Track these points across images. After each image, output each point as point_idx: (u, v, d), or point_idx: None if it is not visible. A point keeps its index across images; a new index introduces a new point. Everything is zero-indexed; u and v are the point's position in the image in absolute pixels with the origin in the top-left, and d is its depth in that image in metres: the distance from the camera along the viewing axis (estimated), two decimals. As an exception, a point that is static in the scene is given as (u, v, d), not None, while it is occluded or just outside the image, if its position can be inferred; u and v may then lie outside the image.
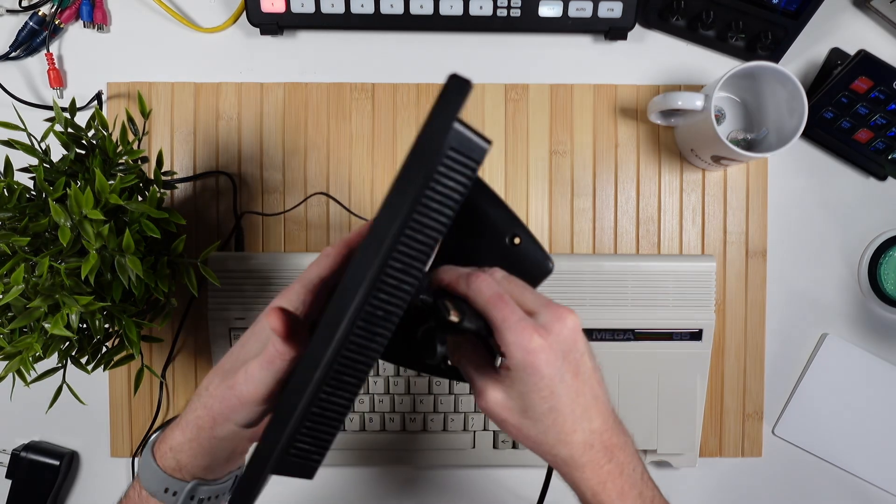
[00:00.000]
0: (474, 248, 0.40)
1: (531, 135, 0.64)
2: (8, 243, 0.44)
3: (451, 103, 0.28)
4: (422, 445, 0.63)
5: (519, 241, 0.39)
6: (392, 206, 0.29)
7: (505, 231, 0.39)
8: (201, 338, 0.64)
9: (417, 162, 0.29)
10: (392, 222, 0.29)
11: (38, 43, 0.63)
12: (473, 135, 0.30)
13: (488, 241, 0.40)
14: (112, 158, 0.50)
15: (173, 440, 0.39)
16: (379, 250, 0.29)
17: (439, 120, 0.28)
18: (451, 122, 0.28)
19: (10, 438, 0.64)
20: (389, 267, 0.30)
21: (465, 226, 0.41)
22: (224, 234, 0.64)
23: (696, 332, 0.61)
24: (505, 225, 0.39)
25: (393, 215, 0.29)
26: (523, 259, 0.39)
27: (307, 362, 0.30)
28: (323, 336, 0.29)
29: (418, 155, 0.29)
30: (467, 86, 0.28)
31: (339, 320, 0.29)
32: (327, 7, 0.60)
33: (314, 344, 0.29)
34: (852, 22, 0.64)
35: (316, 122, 0.64)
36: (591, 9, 0.60)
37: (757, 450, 0.65)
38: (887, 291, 0.63)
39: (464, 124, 0.29)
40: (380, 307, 0.30)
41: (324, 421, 0.32)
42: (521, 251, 0.39)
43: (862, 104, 0.61)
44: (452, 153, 0.29)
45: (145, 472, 0.39)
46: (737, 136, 0.62)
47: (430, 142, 0.28)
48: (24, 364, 0.45)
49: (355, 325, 0.30)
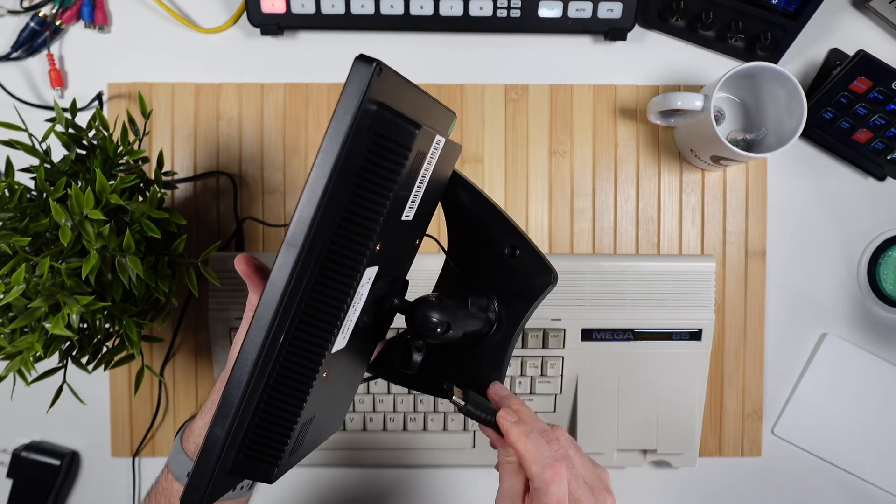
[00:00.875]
0: (473, 261, 0.40)
1: (531, 135, 0.64)
2: (9, 243, 0.44)
3: (358, 81, 0.26)
4: (422, 445, 0.63)
5: (519, 253, 0.38)
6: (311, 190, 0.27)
7: (504, 243, 0.38)
8: (202, 337, 0.64)
9: (328, 145, 0.27)
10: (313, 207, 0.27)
11: (40, 43, 0.63)
12: (399, 119, 0.28)
13: (487, 254, 0.39)
14: (113, 159, 0.50)
15: (195, 425, 0.41)
16: (301, 240, 0.27)
17: (343, 104, 0.27)
18: (360, 100, 0.26)
19: (10, 438, 0.65)
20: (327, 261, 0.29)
21: (463, 237, 0.40)
22: (224, 234, 0.64)
23: (695, 331, 0.61)
24: (504, 237, 0.38)
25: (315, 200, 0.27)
26: (523, 271, 0.38)
27: (244, 354, 0.29)
28: (255, 329, 0.28)
29: (330, 137, 0.27)
30: (371, 62, 0.26)
31: (266, 316, 0.28)
32: (327, 8, 0.60)
33: (249, 336, 0.29)
34: (851, 22, 0.65)
35: (316, 122, 0.64)
36: (591, 9, 0.60)
37: (756, 449, 0.65)
38: (886, 291, 0.63)
39: (389, 109, 0.28)
40: (317, 306, 0.29)
41: (272, 420, 0.31)
42: (521, 263, 0.38)
43: (861, 104, 0.61)
44: (377, 138, 0.27)
45: (173, 457, 0.41)
46: (736, 137, 0.62)
47: (339, 120, 0.26)
48: (24, 364, 0.45)
49: (291, 323, 0.29)
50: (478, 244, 0.39)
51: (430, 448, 0.63)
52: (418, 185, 0.33)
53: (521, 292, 0.38)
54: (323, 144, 0.27)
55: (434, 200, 0.39)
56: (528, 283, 0.38)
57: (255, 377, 0.29)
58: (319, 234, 0.28)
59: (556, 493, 0.34)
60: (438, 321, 0.35)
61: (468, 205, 0.39)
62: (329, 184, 0.27)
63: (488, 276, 0.39)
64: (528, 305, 0.39)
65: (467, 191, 0.39)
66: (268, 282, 0.28)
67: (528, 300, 0.39)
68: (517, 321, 0.39)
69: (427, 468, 0.65)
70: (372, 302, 0.35)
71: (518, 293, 0.39)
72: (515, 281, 0.38)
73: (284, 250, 0.28)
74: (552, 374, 0.61)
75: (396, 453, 0.63)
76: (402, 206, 0.33)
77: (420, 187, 0.34)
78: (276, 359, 0.29)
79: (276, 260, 0.28)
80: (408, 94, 0.31)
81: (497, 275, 0.39)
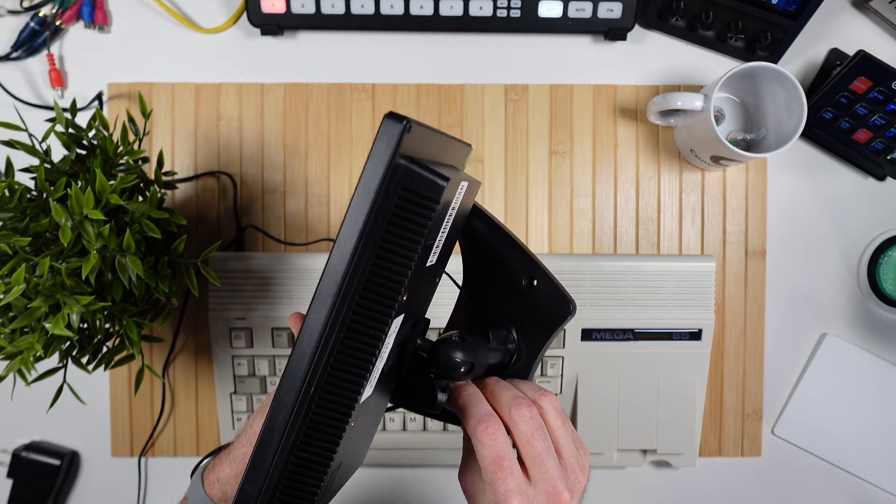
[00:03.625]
0: (489, 291, 0.39)
1: (531, 135, 0.64)
2: (9, 243, 0.44)
3: (388, 139, 0.27)
4: (421, 445, 0.63)
5: (537, 284, 0.38)
6: (341, 248, 0.28)
7: (521, 274, 0.38)
8: (202, 338, 0.64)
9: (358, 204, 0.27)
10: (343, 265, 0.28)
11: (40, 43, 0.63)
12: (425, 171, 0.28)
13: (504, 284, 0.38)
14: (113, 159, 0.50)
15: (221, 471, 0.40)
16: (331, 300, 0.28)
17: (374, 160, 0.27)
18: (391, 158, 0.27)
19: (11, 438, 0.65)
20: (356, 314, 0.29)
21: (479, 269, 0.40)
22: (224, 234, 0.64)
23: (695, 331, 0.61)
24: (520, 267, 0.38)
25: (344, 258, 0.28)
26: (542, 302, 0.38)
27: (274, 414, 0.29)
28: (285, 388, 0.29)
29: (361, 192, 0.27)
30: (402, 121, 0.26)
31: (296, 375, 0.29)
32: (327, 7, 0.60)
33: (279, 395, 0.29)
34: (851, 22, 0.65)
35: (316, 122, 0.64)
36: (591, 9, 0.60)
37: (756, 449, 0.65)
38: (886, 291, 0.63)
39: (415, 162, 0.27)
40: (346, 360, 0.29)
41: (304, 473, 0.31)
42: (539, 294, 0.38)
43: (861, 104, 0.61)
44: (405, 193, 0.27)
45: (194, 496, 0.41)
46: (736, 137, 0.62)
47: (369, 178, 0.27)
48: (25, 364, 0.45)
49: (321, 379, 0.29)
50: (494, 274, 0.39)
51: (429, 448, 0.63)
52: (442, 231, 0.33)
53: (541, 322, 0.38)
54: (353, 202, 0.27)
55: (454, 238, 0.39)
56: (547, 313, 0.38)
57: (286, 434, 0.29)
58: (348, 293, 0.28)
59: (491, 446, 0.33)
60: (462, 361, 0.35)
61: (484, 234, 0.39)
62: (359, 244, 0.27)
63: (506, 306, 0.39)
64: (547, 335, 0.38)
65: (484, 221, 0.39)
66: (297, 342, 0.29)
67: (547, 330, 0.38)
68: (536, 351, 0.39)
69: (427, 468, 0.65)
70: (395, 345, 0.35)
71: (537, 324, 0.38)
72: (534, 311, 0.38)
73: (314, 309, 0.28)
74: (552, 374, 0.61)
75: (396, 453, 0.63)
76: (428, 253, 0.33)
77: (444, 233, 0.34)
78: (306, 415, 0.30)
79: (306, 317, 0.28)
80: (429, 140, 0.31)
81: (515, 305, 0.38)
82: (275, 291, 0.60)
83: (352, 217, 0.27)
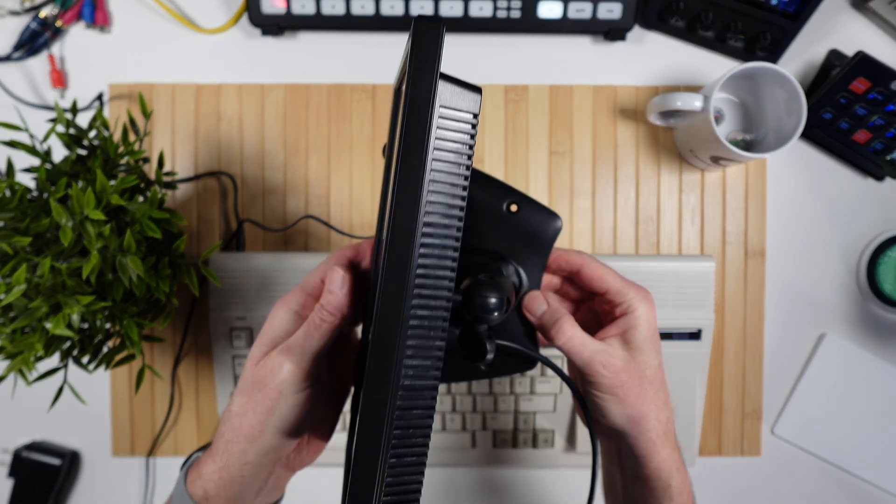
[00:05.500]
0: (477, 231, 0.38)
1: (531, 135, 0.64)
2: (10, 243, 0.45)
3: (430, 55, 0.24)
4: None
5: (516, 208, 0.37)
6: (404, 195, 0.25)
7: (497, 202, 0.37)
8: (202, 338, 0.64)
9: (414, 136, 0.25)
10: (410, 216, 0.25)
11: (40, 44, 0.63)
12: (461, 87, 0.26)
13: (487, 219, 0.38)
14: (113, 159, 0.50)
15: (204, 467, 0.37)
16: (410, 248, 0.26)
17: (423, 81, 0.25)
18: (435, 80, 0.25)
19: (11, 438, 0.65)
20: (423, 264, 0.26)
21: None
22: (225, 234, 0.64)
23: (695, 331, 0.61)
24: (494, 196, 0.37)
25: (411, 201, 0.25)
26: (527, 224, 0.37)
27: (369, 400, 0.26)
28: (377, 366, 0.26)
29: (413, 128, 0.25)
30: (439, 27, 0.24)
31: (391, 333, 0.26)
32: (328, 8, 0.61)
33: (370, 377, 0.26)
34: (850, 23, 0.65)
35: (317, 122, 0.64)
36: (591, 10, 0.61)
37: (756, 449, 0.65)
38: (885, 291, 0.63)
39: (446, 77, 0.26)
40: (425, 317, 0.27)
41: (404, 466, 0.28)
42: (523, 217, 0.37)
43: (860, 105, 0.61)
44: (445, 111, 0.26)
45: (178, 498, 0.38)
46: (736, 137, 0.62)
47: (421, 107, 0.25)
48: (25, 364, 0.45)
49: (407, 341, 0.27)
50: (472, 212, 0.38)
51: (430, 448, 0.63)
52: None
53: (534, 245, 0.38)
54: (406, 134, 0.25)
55: None
56: (538, 234, 0.37)
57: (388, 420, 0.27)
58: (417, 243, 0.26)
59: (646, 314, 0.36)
60: (499, 300, 0.33)
61: None
62: (422, 174, 0.25)
63: (494, 238, 0.38)
64: (545, 257, 0.38)
65: None
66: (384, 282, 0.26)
67: (543, 251, 0.38)
68: (538, 276, 0.39)
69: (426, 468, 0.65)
70: None
71: (530, 247, 0.38)
72: (524, 235, 0.37)
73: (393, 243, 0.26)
74: (552, 374, 0.62)
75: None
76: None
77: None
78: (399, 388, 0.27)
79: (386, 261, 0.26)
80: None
81: (503, 235, 0.38)
82: (275, 291, 0.60)
83: (409, 149, 0.25)
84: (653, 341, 0.37)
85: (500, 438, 0.62)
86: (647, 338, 0.36)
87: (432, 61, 0.25)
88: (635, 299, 0.37)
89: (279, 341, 0.36)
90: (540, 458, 0.63)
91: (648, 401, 0.36)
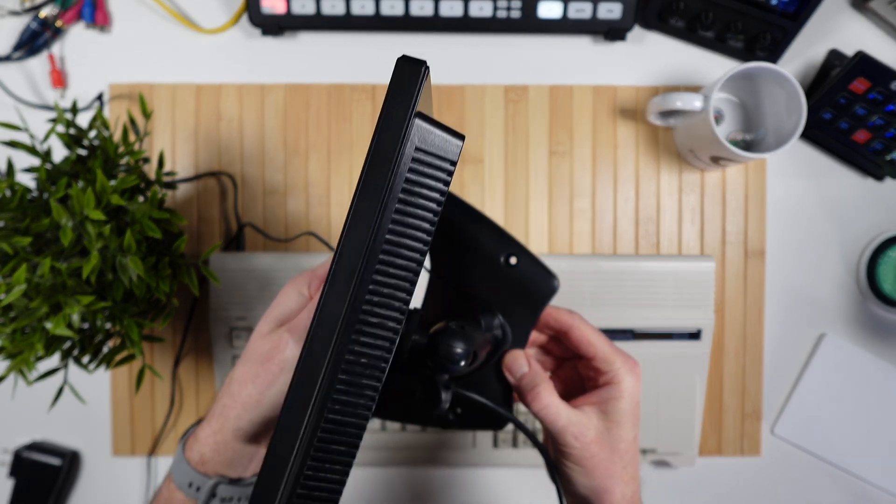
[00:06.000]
0: (469, 277, 0.37)
1: (531, 135, 0.64)
2: (10, 243, 0.45)
3: (405, 94, 0.23)
4: (421, 445, 0.63)
5: (516, 261, 0.36)
6: (356, 229, 0.24)
7: (497, 252, 0.36)
8: (202, 338, 0.64)
9: (376, 172, 0.24)
10: (358, 248, 0.24)
11: (40, 44, 0.63)
12: (441, 130, 0.25)
13: (482, 266, 0.36)
14: (113, 159, 0.50)
15: (200, 432, 0.39)
16: (347, 286, 0.24)
17: (394, 119, 0.23)
18: (408, 119, 0.23)
19: (12, 438, 0.65)
20: (366, 303, 0.25)
21: (455, 252, 0.38)
22: (225, 234, 0.64)
23: (695, 331, 0.61)
24: (496, 245, 0.36)
25: (358, 239, 0.24)
26: (524, 280, 0.36)
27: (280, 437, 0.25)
28: (294, 404, 0.25)
29: (376, 164, 0.24)
30: (419, 68, 0.23)
31: (311, 379, 0.25)
32: (328, 8, 0.61)
33: (288, 408, 0.25)
34: (850, 23, 0.65)
35: (317, 122, 0.64)
36: (591, 10, 0.61)
37: (756, 449, 0.65)
38: (885, 291, 0.63)
39: (427, 119, 0.24)
40: (363, 354, 0.26)
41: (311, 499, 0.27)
42: (520, 271, 0.36)
43: (860, 105, 0.61)
44: (419, 155, 0.24)
45: (175, 465, 0.39)
46: (735, 137, 0.62)
47: (387, 145, 0.24)
48: (25, 364, 0.45)
49: (334, 384, 0.25)
50: (469, 256, 0.37)
51: (429, 447, 0.63)
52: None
53: (526, 303, 0.36)
54: (368, 167, 0.24)
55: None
56: (531, 292, 0.36)
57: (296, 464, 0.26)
58: (368, 268, 0.25)
59: (631, 387, 0.36)
60: (465, 352, 0.32)
61: (454, 214, 0.37)
62: (379, 211, 0.24)
63: (487, 288, 0.37)
64: (535, 316, 0.37)
65: (452, 200, 0.37)
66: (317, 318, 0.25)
67: (534, 311, 0.37)
68: (524, 334, 0.37)
69: (426, 467, 0.65)
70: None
71: (523, 304, 0.36)
72: (518, 291, 0.36)
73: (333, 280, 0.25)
74: (552, 374, 0.62)
75: (395, 453, 0.63)
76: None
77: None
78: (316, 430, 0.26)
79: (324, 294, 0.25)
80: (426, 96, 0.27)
81: (496, 286, 0.36)
82: (275, 291, 0.60)
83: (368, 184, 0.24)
84: (632, 415, 0.36)
85: (500, 438, 0.62)
86: (628, 412, 0.36)
87: (408, 100, 0.23)
88: (622, 370, 0.36)
89: (286, 319, 0.37)
90: (540, 458, 0.63)
91: (616, 475, 0.36)
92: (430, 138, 0.24)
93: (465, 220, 0.37)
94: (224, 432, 0.37)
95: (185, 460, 0.38)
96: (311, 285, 0.38)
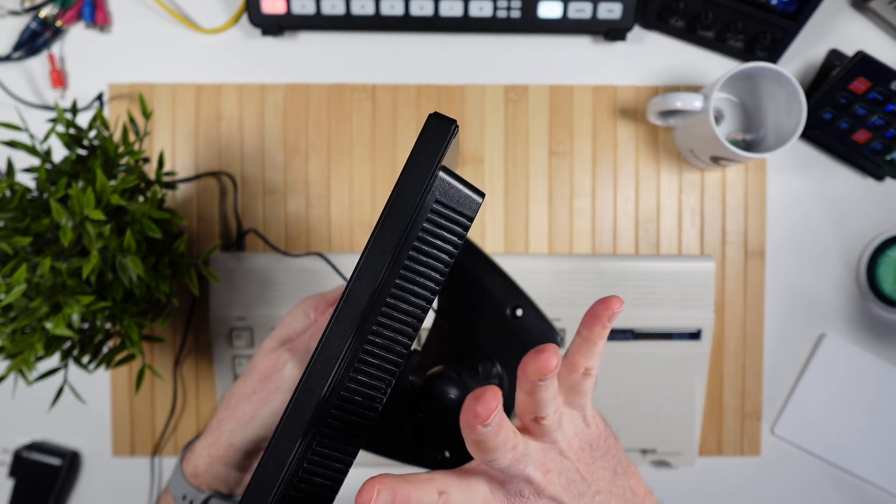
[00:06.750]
0: (473, 324, 0.37)
1: (531, 135, 0.64)
2: (10, 243, 0.45)
3: (432, 147, 0.24)
4: (422, 445, 0.63)
5: (521, 314, 0.36)
6: (368, 271, 0.25)
7: (505, 303, 0.36)
8: (202, 338, 0.64)
9: (395, 219, 0.24)
10: (367, 291, 0.25)
11: (40, 44, 0.63)
12: (463, 186, 0.25)
13: (488, 314, 0.37)
14: (113, 159, 0.50)
15: (197, 445, 0.39)
16: (351, 327, 0.25)
17: (418, 169, 0.24)
18: (433, 171, 0.24)
19: (12, 438, 0.65)
20: (368, 343, 0.26)
21: (461, 295, 0.38)
22: (225, 234, 0.64)
23: (695, 331, 0.61)
24: (505, 296, 0.36)
25: (368, 282, 0.25)
26: (526, 333, 0.36)
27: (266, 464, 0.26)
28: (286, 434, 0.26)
29: (396, 210, 0.24)
30: (450, 126, 0.24)
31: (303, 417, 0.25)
32: (328, 8, 0.61)
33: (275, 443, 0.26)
34: (850, 23, 0.65)
35: (317, 122, 0.64)
36: (591, 10, 0.61)
37: (756, 449, 0.65)
38: (885, 291, 0.63)
39: (451, 173, 0.25)
40: (358, 392, 0.26)
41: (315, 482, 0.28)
42: (525, 324, 0.36)
43: (860, 105, 0.61)
44: (438, 207, 0.25)
45: (173, 476, 0.40)
46: (735, 137, 0.62)
47: (409, 194, 0.24)
48: (25, 364, 0.45)
49: (326, 416, 0.26)
50: (477, 302, 0.37)
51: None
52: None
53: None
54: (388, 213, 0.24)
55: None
56: (533, 346, 0.36)
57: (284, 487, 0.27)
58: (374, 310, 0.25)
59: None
60: (457, 398, 0.32)
61: (468, 261, 0.37)
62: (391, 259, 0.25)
63: (489, 337, 0.37)
64: None
65: (468, 246, 0.37)
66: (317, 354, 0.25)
67: None
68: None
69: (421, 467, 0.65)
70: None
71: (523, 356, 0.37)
72: (519, 344, 0.37)
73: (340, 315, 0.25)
74: (552, 374, 0.62)
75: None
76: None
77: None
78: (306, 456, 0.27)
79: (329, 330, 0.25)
80: (452, 152, 0.27)
81: (499, 336, 0.37)
82: (275, 291, 0.60)
83: (385, 229, 0.25)
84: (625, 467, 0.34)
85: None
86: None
87: (435, 152, 0.24)
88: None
89: (290, 339, 0.38)
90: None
91: None
92: (451, 192, 0.25)
93: (479, 267, 0.37)
94: (218, 446, 0.37)
95: (181, 472, 0.39)
96: (318, 308, 0.39)
